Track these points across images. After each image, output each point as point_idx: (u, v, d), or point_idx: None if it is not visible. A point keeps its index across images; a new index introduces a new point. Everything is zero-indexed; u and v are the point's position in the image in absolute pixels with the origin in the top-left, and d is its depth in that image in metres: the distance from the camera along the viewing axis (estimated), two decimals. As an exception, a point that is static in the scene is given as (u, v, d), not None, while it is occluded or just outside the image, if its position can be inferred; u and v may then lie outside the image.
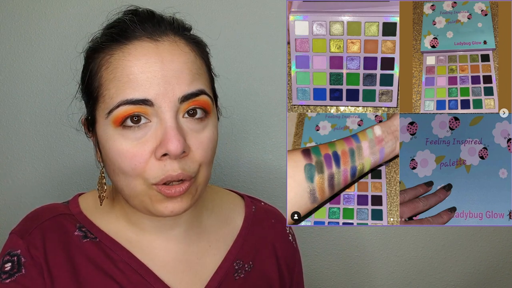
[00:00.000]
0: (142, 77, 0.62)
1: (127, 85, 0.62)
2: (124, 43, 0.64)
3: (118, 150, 0.63)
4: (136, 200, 0.65)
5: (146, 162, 0.62)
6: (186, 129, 0.63)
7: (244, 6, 1.09)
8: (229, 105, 0.76)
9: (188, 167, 0.63)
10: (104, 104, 0.63)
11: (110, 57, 0.64)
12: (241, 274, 0.74)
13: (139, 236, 0.71)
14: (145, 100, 0.61)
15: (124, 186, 0.65)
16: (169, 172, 0.62)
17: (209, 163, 0.67)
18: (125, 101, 0.61)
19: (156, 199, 0.64)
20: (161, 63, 0.62)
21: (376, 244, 1.18)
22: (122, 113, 0.62)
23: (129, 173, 0.63)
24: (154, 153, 0.62)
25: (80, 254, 0.68)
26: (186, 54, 0.65)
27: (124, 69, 0.62)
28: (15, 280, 0.66)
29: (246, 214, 0.79)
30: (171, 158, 0.62)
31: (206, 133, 0.65)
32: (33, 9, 1.08)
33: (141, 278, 0.68)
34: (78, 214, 0.72)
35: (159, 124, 0.62)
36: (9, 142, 1.10)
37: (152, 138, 0.62)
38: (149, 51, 0.63)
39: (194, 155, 0.64)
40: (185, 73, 0.63)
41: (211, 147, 0.66)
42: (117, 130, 0.62)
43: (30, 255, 0.67)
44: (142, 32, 0.64)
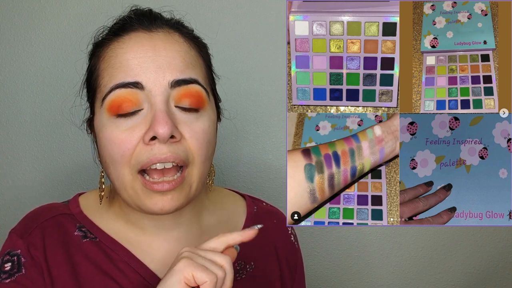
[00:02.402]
0: (133, 62, 0.63)
1: (119, 70, 0.63)
2: (120, 35, 0.66)
3: (110, 137, 0.63)
4: (126, 194, 0.65)
5: (134, 148, 0.63)
6: (179, 118, 0.64)
7: (244, 6, 1.09)
8: (229, 105, 0.76)
9: (180, 151, 0.63)
10: (100, 93, 0.65)
11: (106, 49, 0.66)
12: (242, 275, 0.74)
13: (139, 236, 0.71)
14: (136, 83, 0.62)
15: (114, 178, 0.65)
16: (156, 155, 0.62)
17: (205, 159, 0.66)
18: (116, 85, 0.63)
19: (143, 194, 0.64)
20: (153, 49, 0.64)
21: (376, 244, 1.18)
22: (115, 98, 0.63)
23: (118, 160, 0.63)
24: (143, 138, 0.62)
25: (80, 254, 0.68)
26: (180, 44, 0.66)
27: (117, 56, 0.64)
28: (15, 280, 0.66)
29: (248, 215, 0.79)
30: (160, 142, 0.62)
31: (199, 124, 0.65)
32: (33, 9, 1.08)
33: (141, 278, 0.68)
34: (78, 214, 0.72)
35: (149, 109, 0.63)
36: (9, 142, 1.10)
37: (141, 124, 0.63)
38: (143, 40, 0.65)
39: (188, 144, 0.64)
40: (178, 60, 0.64)
41: (206, 140, 0.65)
42: (111, 119, 0.63)
43: (30, 255, 0.67)
44: (138, 25, 0.66)
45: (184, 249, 0.59)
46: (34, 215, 0.71)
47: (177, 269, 0.56)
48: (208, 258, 0.58)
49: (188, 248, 0.59)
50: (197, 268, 0.56)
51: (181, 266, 0.56)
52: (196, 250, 0.59)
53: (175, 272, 0.56)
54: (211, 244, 0.60)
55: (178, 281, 0.56)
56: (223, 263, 0.58)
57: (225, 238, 0.60)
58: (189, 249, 0.59)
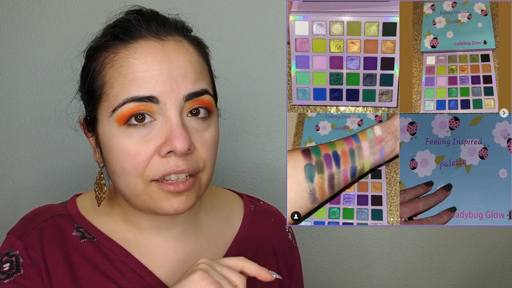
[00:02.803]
0: (148, 75, 0.62)
1: (133, 82, 0.62)
2: (129, 42, 0.64)
3: (122, 148, 0.63)
4: (138, 200, 0.65)
5: (148, 160, 0.62)
6: (191, 128, 0.64)
7: (244, 6, 1.09)
8: (229, 105, 0.76)
9: (193, 163, 0.64)
10: (108, 102, 0.64)
11: (115, 56, 0.64)
12: (240, 273, 0.74)
13: (137, 236, 0.71)
14: (151, 97, 0.62)
15: (124, 187, 0.65)
16: (172, 168, 0.62)
17: (213, 164, 0.67)
18: (131, 98, 0.62)
19: (159, 197, 0.64)
20: (167, 61, 0.63)
21: (376, 244, 1.18)
22: (128, 110, 0.62)
23: (130, 172, 0.63)
24: (158, 151, 0.62)
25: (78, 254, 0.68)
26: (191, 54, 0.65)
27: (129, 67, 0.63)
28: (14, 281, 0.66)
29: (245, 213, 0.79)
30: (176, 155, 0.62)
31: (209, 132, 0.65)
32: (33, 9, 1.08)
33: (139, 278, 0.68)
34: (76, 214, 0.72)
35: (164, 122, 0.62)
36: (9, 142, 1.10)
37: (156, 136, 0.62)
38: (155, 50, 0.63)
39: (199, 153, 0.64)
40: (190, 71, 0.64)
41: (214, 146, 0.66)
42: (121, 129, 0.63)
43: (28, 255, 0.67)
44: (147, 32, 0.64)
45: (201, 260, 0.59)
46: (31, 216, 0.71)
47: (192, 280, 0.56)
48: (224, 274, 0.58)
49: (206, 260, 0.59)
50: (211, 283, 0.56)
51: (196, 278, 0.56)
52: (213, 264, 0.59)
53: (189, 282, 0.56)
54: (230, 262, 0.60)
55: None
56: (237, 283, 0.58)
57: (244, 263, 0.60)
58: (206, 262, 0.59)
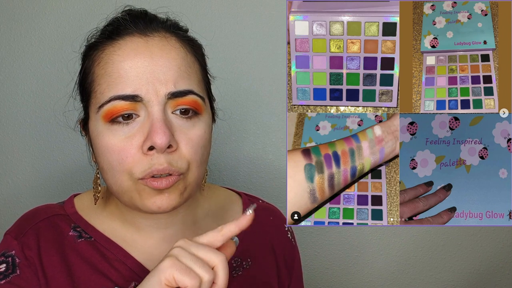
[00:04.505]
0: (132, 73, 0.63)
1: (118, 80, 0.63)
2: (115, 39, 0.65)
3: (107, 145, 0.63)
4: (125, 197, 0.65)
5: (133, 156, 0.63)
6: (176, 125, 0.64)
7: (244, 6, 1.09)
8: (229, 105, 0.76)
9: (176, 162, 0.63)
10: (96, 99, 0.65)
11: (101, 53, 0.65)
12: (239, 272, 0.74)
13: (134, 235, 0.71)
14: (135, 96, 0.62)
15: (112, 183, 0.65)
16: (155, 166, 0.62)
17: (201, 163, 0.66)
18: (116, 97, 0.63)
19: (145, 194, 0.64)
20: (150, 58, 0.63)
21: (376, 244, 1.18)
22: (112, 108, 0.63)
23: (116, 167, 0.63)
24: (141, 147, 0.62)
25: (75, 254, 0.68)
26: (176, 50, 0.65)
27: (114, 64, 0.64)
28: (10, 281, 0.65)
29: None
30: (157, 152, 0.62)
31: (195, 131, 0.65)
32: (33, 9, 1.08)
33: (137, 277, 0.68)
34: (73, 214, 0.72)
35: (146, 117, 0.63)
36: (9, 142, 1.10)
37: (139, 132, 0.63)
38: (139, 46, 0.64)
39: (182, 152, 0.64)
40: (174, 70, 0.64)
41: (200, 145, 0.66)
42: (106, 126, 0.63)
43: (25, 255, 0.67)
44: (133, 29, 0.65)
45: (177, 242, 0.57)
46: (28, 216, 0.71)
47: (160, 268, 0.54)
48: (200, 256, 0.55)
49: (181, 243, 0.56)
50: (179, 270, 0.53)
51: (164, 265, 0.54)
52: (189, 245, 0.56)
53: (157, 271, 0.54)
54: (208, 237, 0.57)
55: (158, 282, 0.54)
56: (215, 263, 0.55)
57: (223, 231, 0.57)
58: (181, 244, 0.56)
